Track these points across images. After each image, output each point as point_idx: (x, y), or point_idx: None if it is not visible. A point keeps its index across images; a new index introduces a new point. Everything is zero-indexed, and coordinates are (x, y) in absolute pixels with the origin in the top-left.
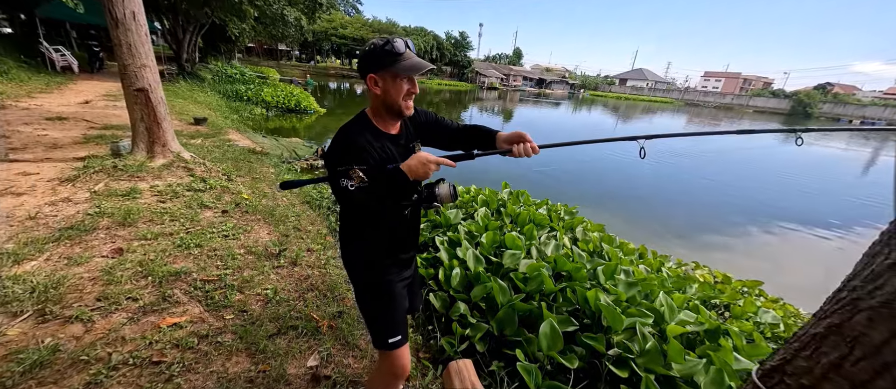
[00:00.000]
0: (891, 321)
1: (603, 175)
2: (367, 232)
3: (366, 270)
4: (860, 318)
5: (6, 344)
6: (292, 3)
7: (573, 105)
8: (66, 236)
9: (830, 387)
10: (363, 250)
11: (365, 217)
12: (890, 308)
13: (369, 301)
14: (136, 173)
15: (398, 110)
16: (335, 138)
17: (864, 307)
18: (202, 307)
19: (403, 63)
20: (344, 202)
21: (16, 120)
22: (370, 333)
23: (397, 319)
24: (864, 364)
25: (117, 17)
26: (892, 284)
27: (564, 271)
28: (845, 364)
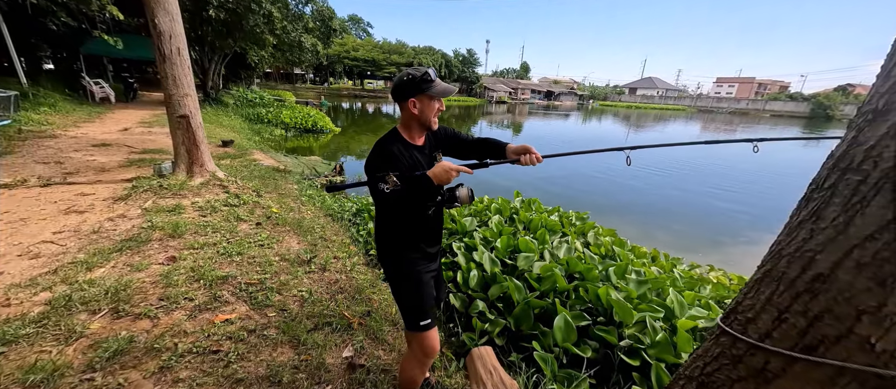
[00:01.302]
0: (801, 261)
1: (614, 185)
2: (399, 230)
3: (398, 262)
4: (782, 262)
5: (90, 336)
6: (309, 31)
7: (583, 116)
8: (126, 247)
9: (765, 316)
10: (396, 245)
11: (397, 217)
12: (801, 252)
13: (402, 289)
14: (178, 191)
15: (429, 126)
16: (373, 150)
17: (785, 253)
18: (248, 306)
19: (436, 88)
20: (380, 203)
21: (67, 147)
22: (404, 318)
23: (426, 305)
24: (786, 294)
25: (165, 53)
26: (802, 234)
27: (577, 271)
28: (774, 296)
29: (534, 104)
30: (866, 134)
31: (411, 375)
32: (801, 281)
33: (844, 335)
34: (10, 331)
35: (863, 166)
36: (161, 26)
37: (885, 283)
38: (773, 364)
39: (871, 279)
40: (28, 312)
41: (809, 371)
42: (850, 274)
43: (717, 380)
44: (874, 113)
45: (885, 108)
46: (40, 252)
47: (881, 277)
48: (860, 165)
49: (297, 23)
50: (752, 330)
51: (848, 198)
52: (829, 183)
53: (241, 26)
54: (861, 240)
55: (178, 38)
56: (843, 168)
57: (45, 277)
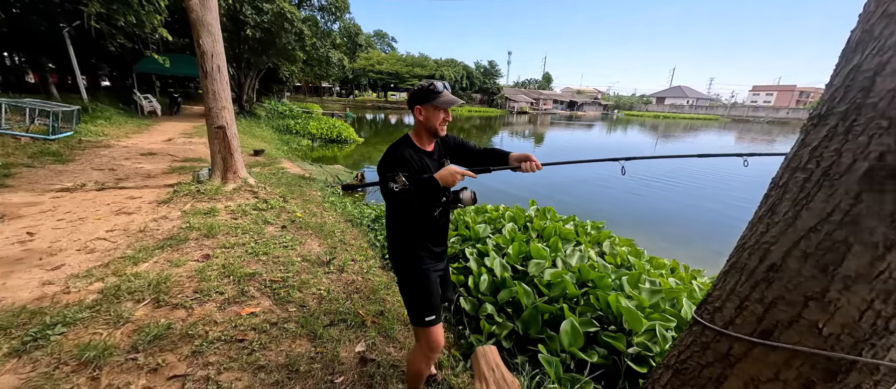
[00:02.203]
0: (759, 252)
1: (636, 197)
2: (407, 230)
3: (406, 259)
4: (744, 255)
5: (135, 322)
6: (336, 46)
7: (607, 126)
8: (167, 245)
9: (730, 305)
10: (404, 244)
11: (406, 218)
12: (759, 245)
13: (409, 286)
14: (213, 196)
15: (435, 132)
16: (385, 153)
17: (747, 246)
18: (271, 301)
19: (441, 99)
20: (390, 202)
21: (119, 156)
22: (409, 313)
23: (433, 302)
24: (746, 284)
25: (207, 70)
26: (760, 228)
27: (589, 279)
28: (737, 286)
29: (556, 115)
30: (811, 137)
31: (418, 368)
32: (759, 271)
33: (795, 319)
34: (70, 315)
35: (808, 165)
36: (205, 46)
37: (827, 270)
38: (736, 350)
39: (815, 266)
40: (84, 299)
41: (767, 354)
42: (798, 263)
43: (689, 367)
44: (818, 118)
45: (826, 113)
46: (95, 248)
47: (823, 265)
48: (806, 164)
49: (326, 39)
50: (719, 319)
51: (796, 194)
52: (783, 181)
53: (274, 44)
54: (806, 232)
55: (218, 56)
56: (793, 168)
57: (98, 269)
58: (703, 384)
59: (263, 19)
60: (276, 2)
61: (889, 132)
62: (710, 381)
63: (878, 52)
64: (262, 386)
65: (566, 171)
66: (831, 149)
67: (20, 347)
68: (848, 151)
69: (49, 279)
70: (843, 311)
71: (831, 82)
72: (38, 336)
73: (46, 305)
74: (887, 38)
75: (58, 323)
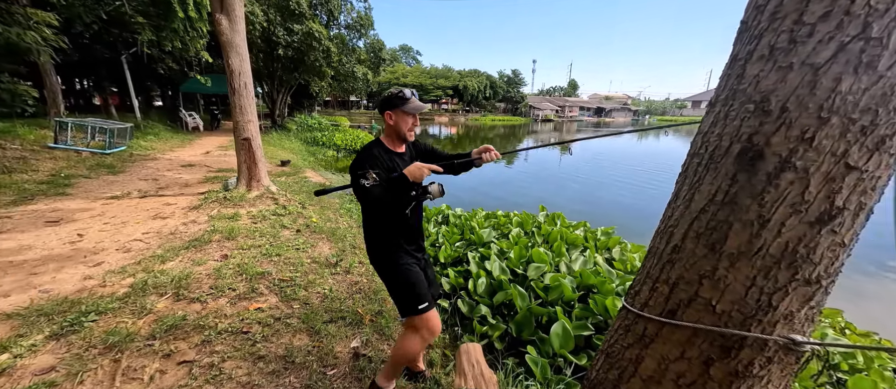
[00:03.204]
0: (666, 235)
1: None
2: (383, 230)
3: (386, 257)
4: (657, 239)
5: (157, 313)
6: (361, 62)
7: (639, 133)
8: (192, 246)
9: (645, 288)
10: (381, 243)
11: (380, 216)
12: (666, 228)
13: (395, 281)
14: (238, 202)
15: (404, 136)
16: (357, 154)
17: (659, 230)
18: (278, 298)
19: (410, 105)
20: (363, 198)
21: (162, 168)
22: (400, 307)
23: (420, 290)
24: (657, 266)
25: (235, 87)
26: (668, 212)
27: (590, 284)
28: (650, 269)
29: (582, 121)
30: (704, 122)
31: (413, 350)
32: (665, 253)
33: (693, 298)
34: (103, 305)
35: (700, 150)
36: (233, 66)
37: (715, 248)
38: (650, 330)
39: (705, 246)
40: (116, 291)
41: (673, 333)
42: (693, 243)
43: (615, 349)
44: (709, 105)
45: (714, 100)
46: (131, 248)
47: (711, 243)
48: (699, 149)
49: (351, 55)
50: (637, 302)
51: (692, 178)
52: (685, 167)
53: (304, 61)
54: (697, 213)
55: (245, 74)
56: (692, 153)
57: (131, 266)
58: (624, 365)
59: (294, 39)
60: (306, 22)
61: (755, 115)
62: (630, 362)
63: (748, 41)
64: (260, 375)
65: (587, 179)
66: (715, 134)
67: (59, 331)
68: (726, 134)
69: (90, 274)
70: (731, 288)
71: (725, 72)
72: (74, 323)
73: (85, 296)
74: (755, 28)
75: (92, 312)
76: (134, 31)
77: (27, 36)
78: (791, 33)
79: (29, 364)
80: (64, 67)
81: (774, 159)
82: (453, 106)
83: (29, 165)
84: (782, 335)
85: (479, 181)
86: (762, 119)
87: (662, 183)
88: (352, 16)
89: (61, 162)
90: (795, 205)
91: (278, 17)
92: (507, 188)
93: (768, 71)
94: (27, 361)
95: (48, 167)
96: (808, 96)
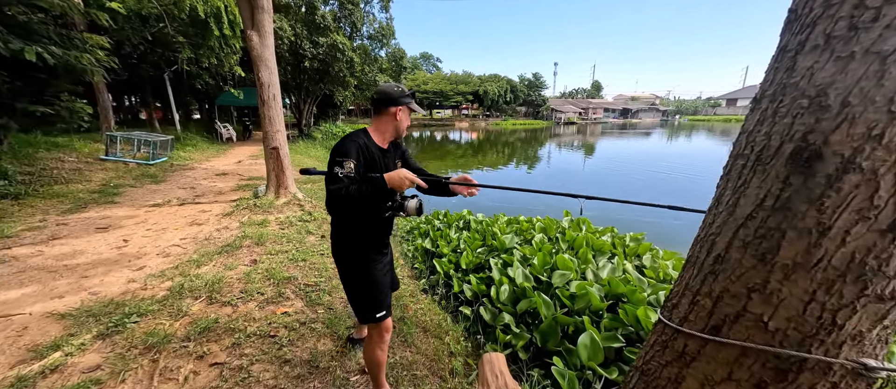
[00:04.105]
0: (707, 244)
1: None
2: (355, 228)
3: (353, 255)
4: (696, 248)
5: (192, 315)
6: (382, 71)
7: (668, 133)
8: (224, 251)
9: (684, 300)
10: (352, 243)
11: (351, 217)
12: (707, 236)
13: (359, 286)
14: (267, 209)
15: (401, 134)
16: (341, 139)
17: (699, 239)
18: (303, 303)
19: (414, 104)
20: (330, 185)
21: (199, 176)
22: (358, 311)
23: (382, 297)
24: (697, 277)
25: (264, 99)
26: (708, 219)
27: (620, 293)
28: (690, 281)
29: (607, 123)
30: (748, 121)
31: (377, 358)
32: (707, 263)
33: (741, 313)
34: (144, 307)
35: (744, 151)
36: (263, 78)
37: (766, 259)
38: (690, 347)
39: (754, 256)
40: (156, 294)
41: (718, 351)
42: (739, 253)
43: (652, 367)
44: (754, 102)
45: (760, 96)
46: (170, 253)
47: (761, 253)
48: (743, 150)
49: (373, 65)
50: (675, 315)
51: (736, 182)
52: (728, 170)
53: (329, 72)
54: (744, 219)
55: (274, 86)
56: (735, 155)
57: (170, 270)
58: (662, 385)
59: (319, 52)
60: (330, 35)
61: (810, 111)
62: (669, 381)
63: (799, 30)
64: (286, 379)
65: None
66: (762, 132)
67: (105, 331)
68: (776, 133)
69: (133, 277)
70: (786, 303)
71: (771, 67)
72: (118, 324)
73: (128, 298)
74: (806, 16)
75: (134, 313)
76: (175, 50)
77: (83, 58)
78: (851, 19)
79: (78, 362)
80: (114, 86)
81: (835, 160)
82: (473, 111)
83: (83, 175)
84: (850, 358)
85: (487, 181)
86: (819, 115)
87: (694, 184)
88: (374, 27)
89: (111, 173)
90: (862, 211)
91: (305, 31)
92: (527, 195)
93: (824, 62)
94: (76, 359)
95: (100, 178)
96: (874, 88)
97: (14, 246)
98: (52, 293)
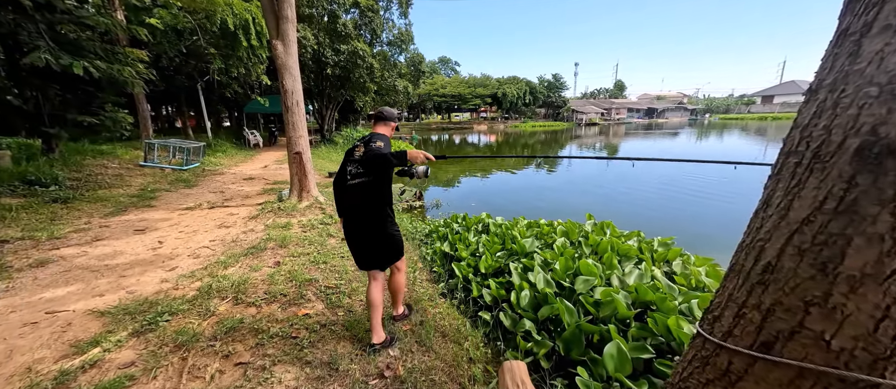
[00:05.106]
0: (754, 251)
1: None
2: (390, 198)
3: (394, 223)
4: (741, 255)
5: (218, 315)
6: (401, 76)
7: (697, 133)
8: (250, 253)
9: (727, 313)
10: (390, 209)
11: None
12: (754, 242)
13: (397, 235)
14: (290, 212)
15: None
16: (386, 142)
17: (744, 246)
18: (324, 305)
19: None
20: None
21: (228, 181)
22: (396, 255)
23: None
24: (743, 288)
25: (288, 105)
26: (756, 224)
27: (648, 300)
28: (734, 291)
29: (631, 124)
30: (802, 115)
31: (403, 281)
32: (754, 273)
33: (797, 329)
34: (175, 306)
35: (798, 148)
36: (286, 85)
37: (827, 269)
38: (736, 365)
39: (812, 265)
40: (186, 294)
41: (769, 371)
42: (794, 261)
43: (690, 385)
44: (809, 93)
45: (816, 87)
46: (200, 254)
47: (821, 262)
48: (797, 146)
49: (393, 70)
50: (718, 329)
51: (788, 181)
52: (777, 169)
53: (350, 79)
54: (799, 224)
55: (297, 93)
56: (786, 152)
57: (199, 271)
58: None
59: (340, 59)
60: (351, 42)
61: (880, 100)
62: None
63: (864, 10)
64: (306, 380)
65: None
66: (820, 126)
67: (140, 329)
68: (837, 127)
69: (166, 277)
70: (853, 320)
71: (830, 54)
72: (151, 322)
73: (161, 297)
74: None
75: (166, 312)
76: (207, 61)
77: (125, 71)
78: None
79: (115, 358)
80: (153, 96)
81: None
82: (492, 114)
83: (124, 180)
84: None
85: (510, 188)
86: (891, 105)
87: (726, 187)
88: (393, 33)
89: (148, 178)
90: None
91: (327, 40)
92: (548, 197)
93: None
94: (113, 355)
95: (138, 183)
96: None
97: (62, 247)
98: (93, 292)
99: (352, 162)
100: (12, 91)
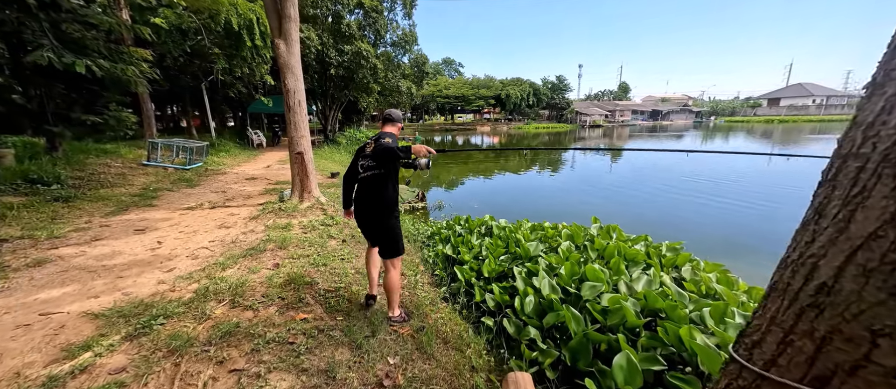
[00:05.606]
0: (804, 269)
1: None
2: (396, 192)
3: (397, 213)
4: (787, 272)
5: (215, 318)
6: (405, 76)
7: (702, 135)
8: (249, 254)
9: (770, 338)
10: (396, 203)
11: (395, 182)
12: (803, 259)
13: (398, 230)
14: (291, 213)
15: None
16: (394, 139)
17: (790, 261)
18: (323, 309)
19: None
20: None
21: (230, 181)
22: (395, 250)
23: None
24: (790, 310)
25: (290, 105)
26: (805, 237)
27: (658, 308)
28: (778, 314)
29: (635, 126)
30: (865, 112)
31: (398, 278)
32: (805, 294)
33: (861, 364)
34: (170, 309)
35: (862, 150)
36: (288, 85)
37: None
38: None
39: (881, 288)
40: (182, 296)
41: None
42: (857, 283)
43: None
44: (873, 87)
45: (883, 79)
46: (198, 255)
47: (893, 284)
48: (859, 148)
49: (396, 71)
50: (758, 357)
51: (848, 189)
52: (832, 173)
53: (353, 79)
54: (865, 239)
55: (299, 93)
56: (844, 155)
57: (197, 272)
58: None
59: (344, 59)
60: (355, 43)
61: None
62: None
63: None
64: (302, 388)
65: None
66: (891, 125)
67: (133, 332)
68: None
69: (163, 278)
70: None
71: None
72: (145, 325)
73: (157, 299)
74: None
75: (161, 315)
76: (211, 61)
77: (129, 70)
78: None
79: (106, 362)
80: (157, 96)
81: None
82: (495, 115)
83: (127, 180)
84: None
85: (510, 187)
86: None
87: (732, 193)
88: (397, 34)
89: (151, 177)
90: None
91: (331, 40)
92: (552, 198)
93: None
94: (105, 359)
95: (141, 182)
96: None
97: (61, 246)
98: (89, 293)
99: (364, 157)
100: (16, 90)
